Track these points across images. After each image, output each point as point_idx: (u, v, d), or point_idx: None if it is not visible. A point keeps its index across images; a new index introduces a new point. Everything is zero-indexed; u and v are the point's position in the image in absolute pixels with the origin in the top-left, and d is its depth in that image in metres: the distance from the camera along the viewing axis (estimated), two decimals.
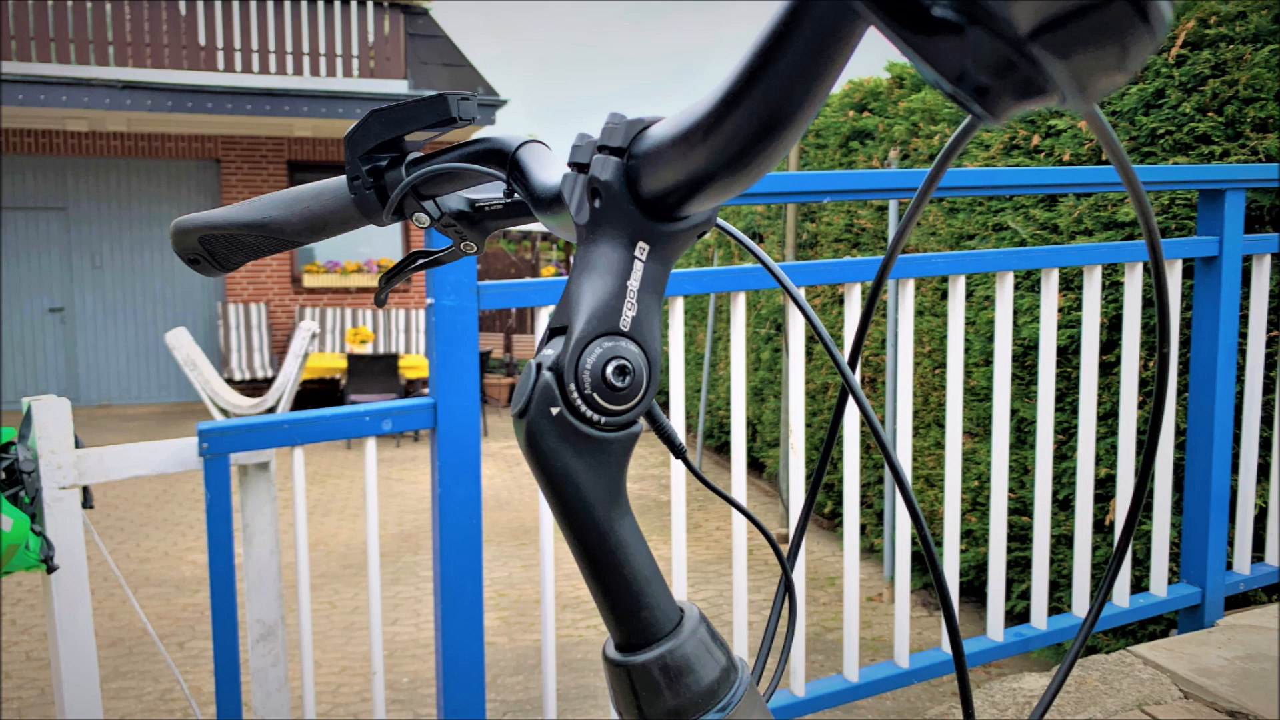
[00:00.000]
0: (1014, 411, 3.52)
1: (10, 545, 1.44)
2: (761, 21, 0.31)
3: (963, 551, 3.78)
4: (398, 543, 5.27)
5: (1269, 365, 2.80)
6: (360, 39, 9.65)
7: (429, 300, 1.61)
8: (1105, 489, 3.10)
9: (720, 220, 0.45)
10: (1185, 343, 2.76)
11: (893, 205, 4.41)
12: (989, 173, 2.04)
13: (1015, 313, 3.38)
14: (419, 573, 4.76)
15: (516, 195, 0.53)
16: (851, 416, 2.07)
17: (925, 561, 2.81)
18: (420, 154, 0.54)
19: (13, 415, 9.38)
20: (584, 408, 0.37)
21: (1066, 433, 3.30)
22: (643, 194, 0.38)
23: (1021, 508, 3.55)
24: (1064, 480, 3.30)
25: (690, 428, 7.41)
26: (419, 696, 3.41)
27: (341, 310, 10.66)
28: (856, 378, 0.51)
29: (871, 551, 4.81)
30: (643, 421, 0.40)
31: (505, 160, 0.50)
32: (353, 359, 8.38)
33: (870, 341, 4.73)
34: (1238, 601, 2.76)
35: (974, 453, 3.76)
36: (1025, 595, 3.49)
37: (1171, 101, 2.98)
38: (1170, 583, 2.36)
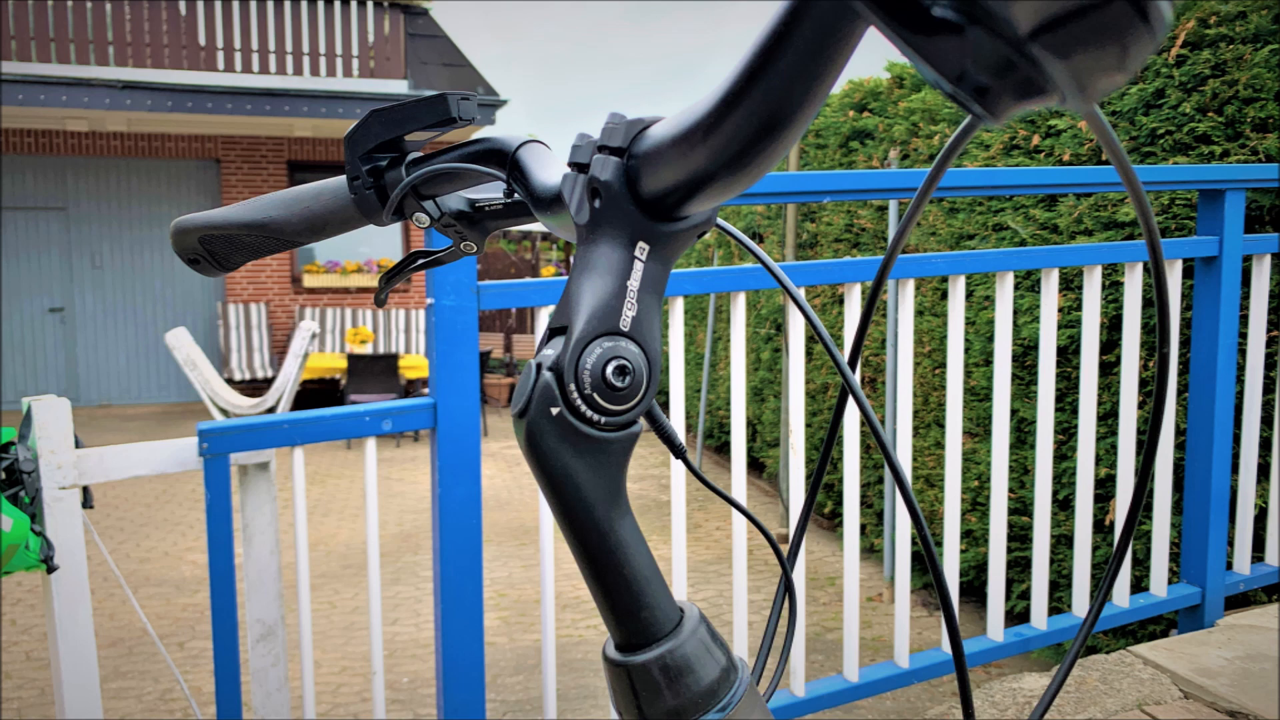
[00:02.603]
0: (1014, 411, 3.52)
1: (10, 545, 1.44)
2: (761, 21, 0.31)
3: (963, 551, 3.78)
4: (398, 543, 5.27)
5: (1269, 365, 2.80)
6: (360, 39, 9.65)
7: (429, 300, 1.61)
8: (1105, 489, 3.10)
9: (720, 220, 0.45)
10: (1185, 343, 2.76)
11: (893, 205, 4.41)
12: (989, 173, 2.04)
13: (1015, 313, 3.38)
14: (419, 573, 4.76)
15: (516, 195, 0.53)
16: (851, 416, 2.07)
17: (925, 561, 2.81)
18: (420, 154, 0.54)
19: (13, 415, 9.38)
20: (584, 408, 0.37)
21: (1066, 433, 3.30)
22: (643, 194, 0.38)
23: (1021, 508, 3.55)
24: (1064, 480, 3.30)
25: (690, 428, 7.41)
26: (419, 696, 3.41)
27: (341, 310, 10.66)
28: (856, 378, 0.51)
29: (871, 551, 4.81)
30: (643, 421, 0.40)
31: (505, 160, 0.50)
32: (353, 359, 8.38)
33: (870, 341, 4.73)
34: (1238, 601, 2.76)
35: (974, 453, 3.76)
36: (1025, 595, 3.49)
37: (1171, 101, 2.98)
38: (1170, 583, 2.36)
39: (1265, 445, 2.73)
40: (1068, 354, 3.32)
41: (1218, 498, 2.28)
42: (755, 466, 6.56)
